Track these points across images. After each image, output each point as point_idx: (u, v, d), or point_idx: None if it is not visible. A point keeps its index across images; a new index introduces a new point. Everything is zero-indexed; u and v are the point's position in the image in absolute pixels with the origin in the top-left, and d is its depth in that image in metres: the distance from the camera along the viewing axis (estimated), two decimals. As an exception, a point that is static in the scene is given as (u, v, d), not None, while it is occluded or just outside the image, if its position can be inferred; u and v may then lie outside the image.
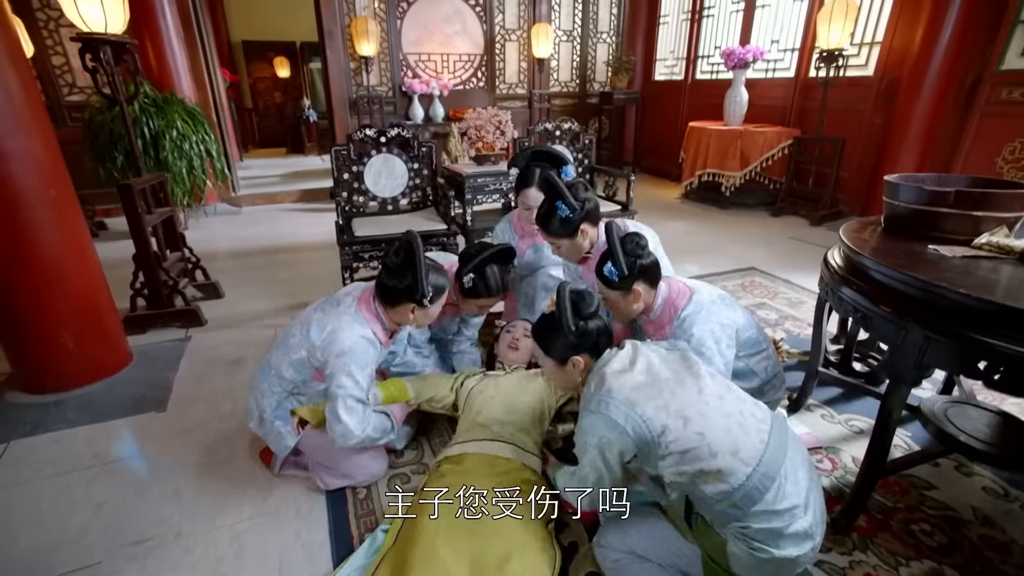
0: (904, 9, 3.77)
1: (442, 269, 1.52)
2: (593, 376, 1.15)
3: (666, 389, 1.06)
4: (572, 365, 1.19)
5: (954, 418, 1.47)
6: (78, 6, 2.18)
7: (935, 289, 1.07)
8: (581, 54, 6.29)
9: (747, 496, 0.97)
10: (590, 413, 1.07)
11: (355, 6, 5.11)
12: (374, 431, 1.43)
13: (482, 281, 1.69)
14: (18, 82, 1.69)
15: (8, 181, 1.70)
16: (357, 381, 1.38)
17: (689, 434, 1.00)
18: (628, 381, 1.08)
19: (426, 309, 1.46)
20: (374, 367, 1.47)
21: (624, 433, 1.03)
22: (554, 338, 1.19)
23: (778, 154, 4.58)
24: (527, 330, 1.88)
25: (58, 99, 4.57)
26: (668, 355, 1.16)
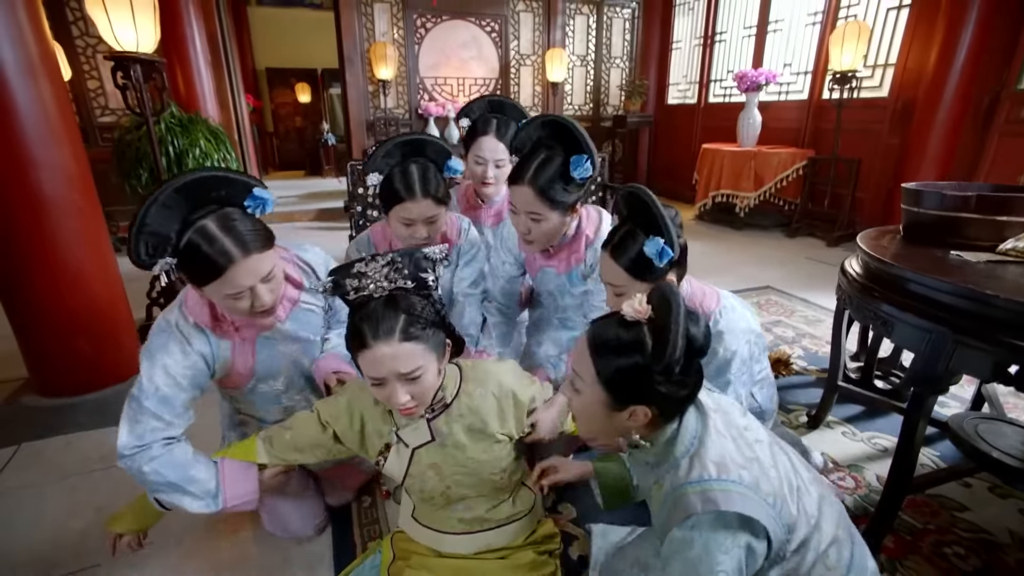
0: (917, 31, 3.78)
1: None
2: (680, 444, 0.79)
3: (759, 450, 0.78)
4: (630, 416, 0.78)
5: (986, 435, 1.40)
6: (112, 27, 2.28)
7: (963, 292, 1.04)
8: (595, 78, 6.40)
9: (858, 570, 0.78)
10: (712, 514, 0.70)
11: (374, 32, 5.29)
12: (172, 472, 1.03)
13: (401, 176, 1.32)
14: (52, 97, 1.77)
15: (37, 189, 1.76)
16: (140, 378, 1.04)
17: (803, 517, 0.75)
18: (731, 450, 0.76)
19: (198, 288, 1.02)
20: (181, 367, 1.06)
21: (757, 539, 0.71)
22: (631, 368, 0.75)
23: (792, 175, 4.56)
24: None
25: (91, 120, 4.76)
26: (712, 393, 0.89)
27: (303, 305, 1.24)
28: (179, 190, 0.95)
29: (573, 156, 1.20)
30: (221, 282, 0.98)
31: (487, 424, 1.05)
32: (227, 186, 1.01)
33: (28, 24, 1.65)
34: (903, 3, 3.90)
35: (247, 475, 1.12)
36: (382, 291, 0.91)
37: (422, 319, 0.91)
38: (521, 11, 5.79)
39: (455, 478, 1.06)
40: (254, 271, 1.01)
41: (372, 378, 0.91)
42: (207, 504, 1.08)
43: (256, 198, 1.04)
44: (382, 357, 0.87)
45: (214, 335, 1.11)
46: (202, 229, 0.96)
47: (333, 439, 1.10)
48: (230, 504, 1.09)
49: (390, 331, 0.87)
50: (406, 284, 0.92)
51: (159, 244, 0.95)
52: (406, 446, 1.05)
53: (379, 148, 1.38)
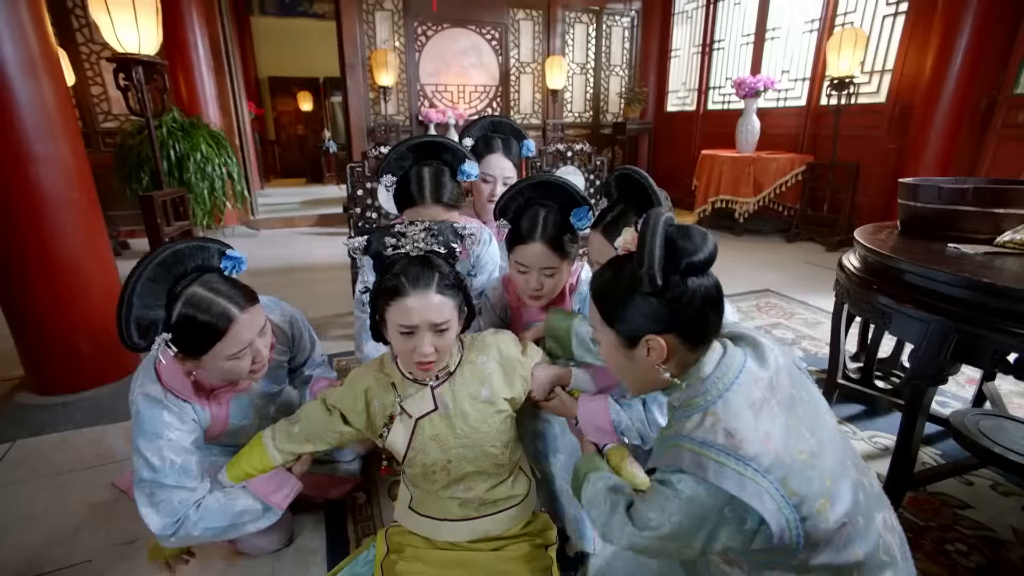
0: (914, 37, 3.81)
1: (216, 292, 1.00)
2: (709, 385, 0.72)
3: (803, 414, 0.71)
4: (646, 349, 0.74)
5: (987, 431, 1.39)
6: (115, 28, 2.31)
7: (960, 282, 1.03)
8: (594, 86, 6.45)
9: (885, 547, 0.71)
10: (696, 477, 0.67)
11: (375, 39, 5.35)
12: (220, 519, 1.05)
13: (416, 178, 1.35)
14: (52, 93, 1.78)
15: (36, 185, 1.76)
16: (146, 459, 1.02)
17: (832, 516, 0.67)
18: (766, 423, 0.68)
19: (194, 360, 1.02)
20: (185, 435, 1.07)
21: (751, 528, 0.66)
22: (623, 295, 0.74)
23: (791, 180, 4.57)
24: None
25: (94, 125, 4.79)
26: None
27: (272, 363, 1.23)
28: (159, 265, 0.95)
29: (573, 209, 1.23)
30: (224, 343, 0.99)
31: (493, 389, 1.08)
32: (202, 253, 1.02)
33: (30, 21, 1.67)
34: (899, 10, 3.94)
35: (278, 478, 1.14)
36: (418, 251, 0.99)
37: (450, 280, 0.99)
38: (521, 19, 5.85)
39: (457, 451, 1.07)
40: (252, 325, 1.03)
41: (404, 327, 0.96)
42: (267, 519, 1.13)
43: (231, 258, 1.06)
44: (419, 305, 0.94)
45: (197, 404, 1.11)
46: (192, 297, 0.97)
47: (341, 421, 1.12)
48: (284, 505, 1.14)
49: (428, 283, 0.95)
50: (439, 249, 1.01)
51: (149, 324, 0.95)
52: (409, 416, 1.07)
53: (394, 149, 1.39)
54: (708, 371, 0.73)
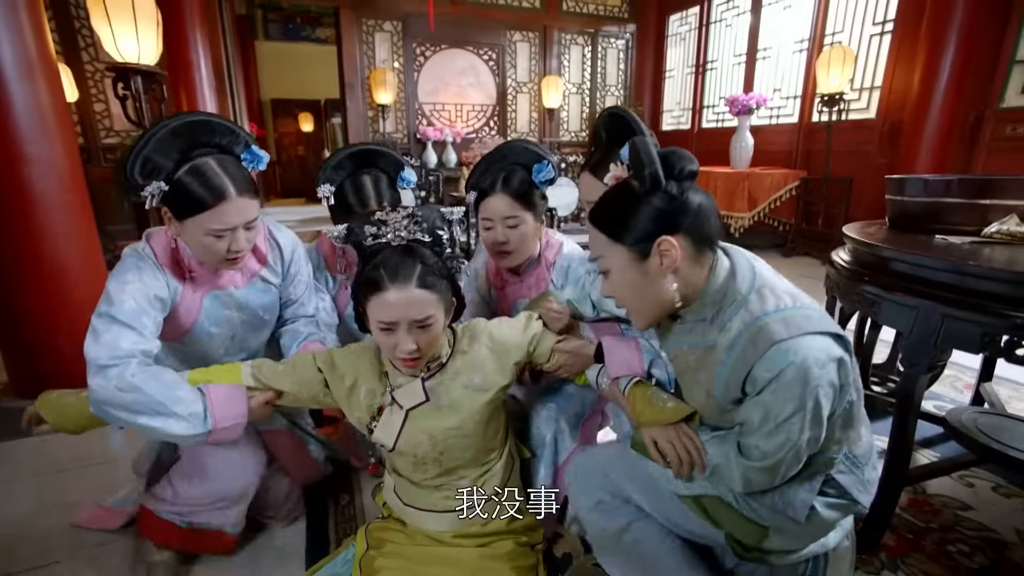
0: (900, 55, 3.89)
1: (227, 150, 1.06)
2: (739, 280, 0.77)
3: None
4: (658, 258, 0.75)
5: (985, 428, 1.36)
6: (115, 39, 2.36)
7: (947, 267, 1.03)
8: (590, 105, 6.56)
9: (874, 450, 0.85)
10: (816, 337, 0.70)
11: (375, 59, 5.46)
12: (158, 388, 0.95)
13: (353, 188, 1.33)
14: (48, 95, 1.80)
15: (28, 185, 1.77)
16: (108, 293, 1.00)
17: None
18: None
19: (178, 223, 1.02)
20: (154, 288, 1.03)
21: (847, 361, 0.73)
22: (628, 206, 0.76)
23: (786, 195, 4.61)
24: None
25: (96, 141, 4.85)
26: None
27: (260, 280, 1.23)
28: (190, 124, 1.00)
29: (535, 164, 1.27)
30: (209, 215, 1.00)
31: (486, 376, 1.04)
32: (230, 136, 1.06)
33: (29, 25, 1.70)
34: (885, 29, 4.03)
35: (236, 397, 1.04)
36: (400, 240, 0.93)
37: (435, 270, 0.94)
38: (518, 41, 5.99)
39: (449, 441, 1.03)
40: (242, 212, 1.03)
41: (383, 323, 0.91)
42: (194, 426, 0.98)
43: (253, 153, 1.09)
44: (397, 301, 0.89)
45: (172, 276, 1.10)
46: (201, 163, 1.00)
47: (323, 385, 1.07)
48: (220, 425, 1.01)
49: (408, 277, 0.90)
50: (423, 237, 0.95)
51: (155, 168, 0.97)
52: (400, 407, 1.02)
53: (330, 158, 1.36)
54: (723, 276, 0.79)
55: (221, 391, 1.03)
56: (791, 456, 0.74)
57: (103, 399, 0.95)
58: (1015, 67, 3.33)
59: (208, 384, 1.03)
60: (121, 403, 0.95)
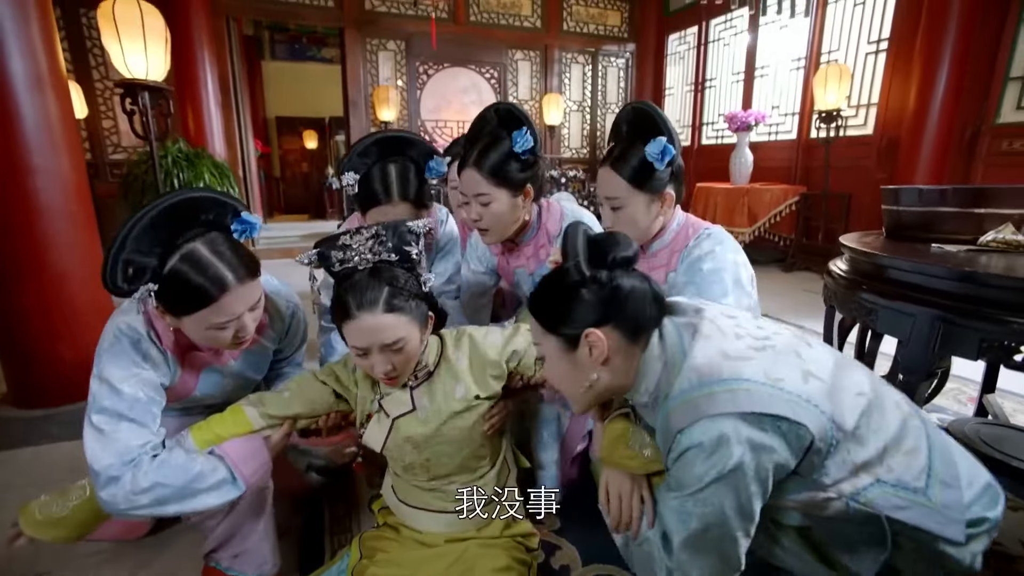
0: (896, 72, 3.94)
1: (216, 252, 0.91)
2: (669, 366, 0.74)
3: (780, 344, 0.73)
4: (587, 348, 0.75)
5: (989, 439, 1.35)
6: (125, 56, 2.41)
7: (944, 273, 1.03)
8: (591, 123, 6.64)
9: (946, 461, 0.72)
10: (706, 421, 0.66)
11: (378, 77, 5.56)
12: (176, 476, 0.90)
13: (380, 176, 1.24)
14: (56, 107, 1.84)
15: (33, 195, 1.79)
16: (113, 386, 0.91)
17: (851, 397, 0.70)
18: (741, 348, 0.71)
19: (175, 319, 0.92)
20: (156, 376, 0.97)
21: (788, 435, 0.65)
22: (559, 296, 0.76)
23: (785, 210, 4.63)
24: None
25: (103, 157, 4.93)
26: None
27: (256, 346, 1.14)
28: (169, 211, 0.87)
29: (514, 131, 1.21)
30: (210, 311, 0.90)
31: (467, 387, 1.03)
32: (217, 208, 0.95)
33: (40, 39, 1.74)
34: (880, 48, 4.10)
35: (256, 448, 0.99)
36: (366, 263, 0.91)
37: (405, 291, 0.91)
38: (519, 60, 6.09)
39: (434, 448, 1.03)
40: (245, 298, 0.94)
41: (355, 347, 0.91)
42: (226, 492, 0.95)
43: (244, 222, 0.97)
44: (365, 327, 0.88)
45: (174, 358, 1.02)
46: (192, 254, 0.88)
47: (333, 396, 1.07)
48: (251, 481, 0.98)
49: (373, 302, 0.88)
50: (390, 257, 0.93)
51: (139, 269, 0.86)
52: (387, 415, 1.02)
53: (356, 144, 1.29)
54: (652, 366, 0.76)
55: (239, 448, 0.98)
56: (711, 534, 0.68)
57: (120, 509, 0.89)
58: (1009, 84, 3.37)
59: (221, 444, 0.98)
60: (141, 504, 0.90)
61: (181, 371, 1.04)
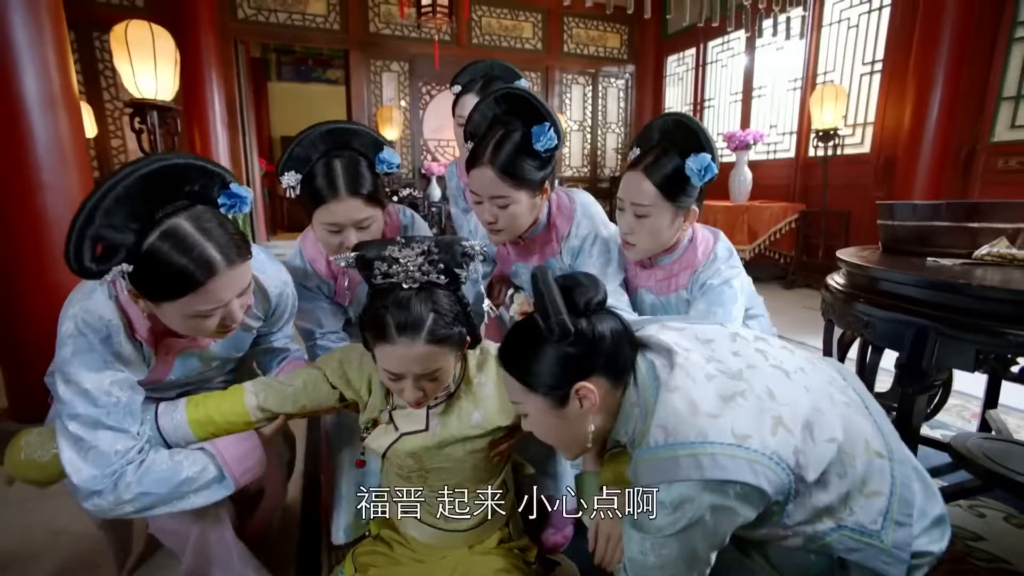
0: (891, 92, 4.01)
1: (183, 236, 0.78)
2: (642, 410, 0.74)
3: (755, 383, 0.72)
4: (578, 402, 0.74)
5: (992, 454, 1.33)
6: (135, 76, 2.48)
7: (939, 285, 1.04)
8: (592, 142, 6.73)
9: (903, 500, 0.71)
10: (669, 485, 0.67)
11: (382, 97, 5.67)
12: (161, 484, 0.84)
13: (324, 172, 1.09)
14: (68, 126, 1.88)
15: (41, 209, 1.82)
16: (84, 390, 0.82)
17: (820, 445, 0.69)
18: (709, 399, 0.70)
19: (153, 304, 0.81)
20: (132, 370, 0.89)
21: (749, 495, 0.66)
22: (540, 356, 0.74)
23: (785, 228, 4.66)
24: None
25: (110, 175, 5.01)
26: (688, 321, 0.87)
27: (240, 328, 1.03)
28: (147, 177, 0.75)
29: (534, 127, 1.09)
30: (195, 297, 0.79)
31: (486, 414, 0.98)
32: (203, 178, 0.82)
33: (54, 59, 1.79)
34: (875, 69, 4.17)
35: (248, 445, 0.94)
36: (411, 283, 0.83)
37: (449, 318, 0.84)
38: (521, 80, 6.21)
39: (435, 466, 1.00)
40: (235, 284, 0.84)
41: (388, 372, 0.86)
42: (216, 492, 0.90)
43: (233, 195, 0.85)
44: (404, 355, 0.82)
45: (148, 347, 0.92)
46: (175, 231, 0.77)
47: (339, 399, 1.02)
48: (241, 481, 0.93)
49: (417, 329, 0.81)
50: (439, 278, 0.84)
51: (111, 247, 0.74)
52: (396, 429, 0.98)
53: (295, 143, 1.12)
54: (634, 399, 0.76)
55: (233, 447, 0.92)
56: (665, 573, 0.71)
57: (106, 516, 0.86)
58: (1002, 103, 3.43)
59: (215, 441, 0.92)
60: (127, 512, 0.85)
61: (155, 359, 0.94)
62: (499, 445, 1.03)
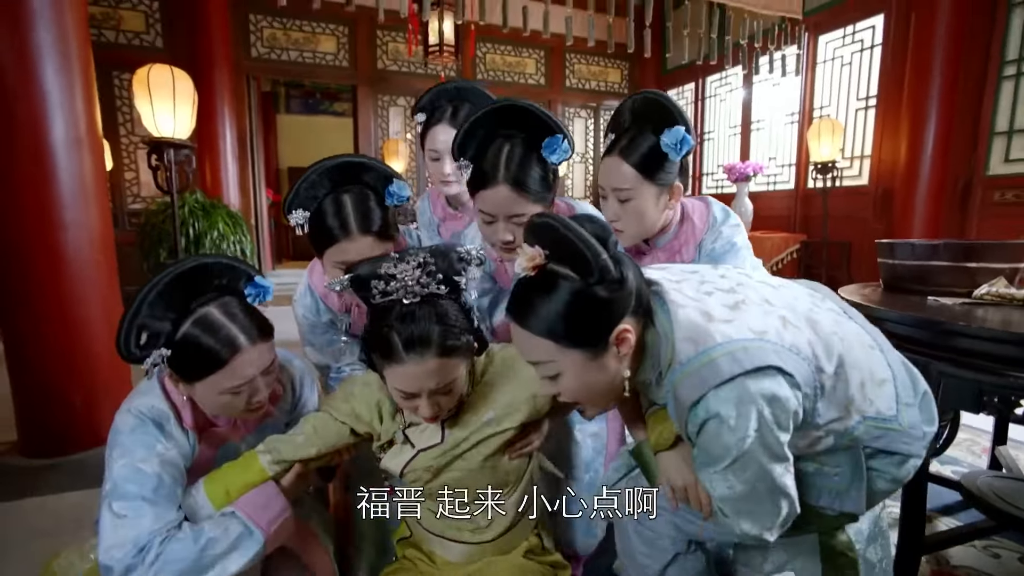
0: (886, 126, 4.11)
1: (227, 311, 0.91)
2: (663, 337, 0.74)
3: (750, 294, 0.77)
4: (615, 347, 0.73)
5: (1003, 494, 1.33)
6: (155, 117, 2.57)
7: (940, 326, 1.06)
8: (594, 174, 6.85)
9: (903, 384, 0.80)
10: (716, 390, 0.67)
11: (388, 131, 5.82)
12: (185, 550, 0.85)
13: (334, 209, 1.09)
14: (91, 167, 1.96)
15: (60, 247, 1.88)
16: (137, 469, 0.88)
17: (826, 338, 0.75)
18: (718, 308, 0.73)
19: (188, 385, 0.91)
20: (179, 458, 0.94)
21: (788, 380, 0.68)
22: (580, 305, 0.70)
23: (787, 258, 4.70)
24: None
25: (123, 207, 5.11)
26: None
27: (271, 420, 1.10)
28: (182, 276, 0.89)
29: (546, 139, 1.06)
30: (223, 374, 0.89)
31: (498, 414, 0.96)
32: (230, 273, 0.95)
33: (82, 102, 1.88)
34: (869, 104, 4.28)
35: (267, 494, 0.94)
36: (412, 297, 0.82)
37: (457, 327, 0.83)
38: (524, 115, 6.37)
39: (455, 475, 0.98)
40: (258, 362, 0.92)
41: (400, 391, 0.85)
42: (249, 547, 0.90)
43: (257, 286, 0.97)
44: (416, 373, 0.81)
45: (193, 435, 0.98)
46: (205, 317, 0.89)
47: (352, 434, 1.00)
48: (271, 531, 0.93)
49: (426, 345, 0.80)
50: (439, 289, 0.83)
51: (152, 335, 0.87)
52: (412, 447, 0.96)
53: (302, 180, 1.11)
54: (651, 339, 0.77)
55: (251, 500, 0.93)
56: (759, 492, 0.71)
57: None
58: (995, 138, 3.51)
59: (232, 501, 0.93)
60: None
61: (200, 449, 1.01)
62: (514, 443, 0.99)
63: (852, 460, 0.79)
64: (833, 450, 0.78)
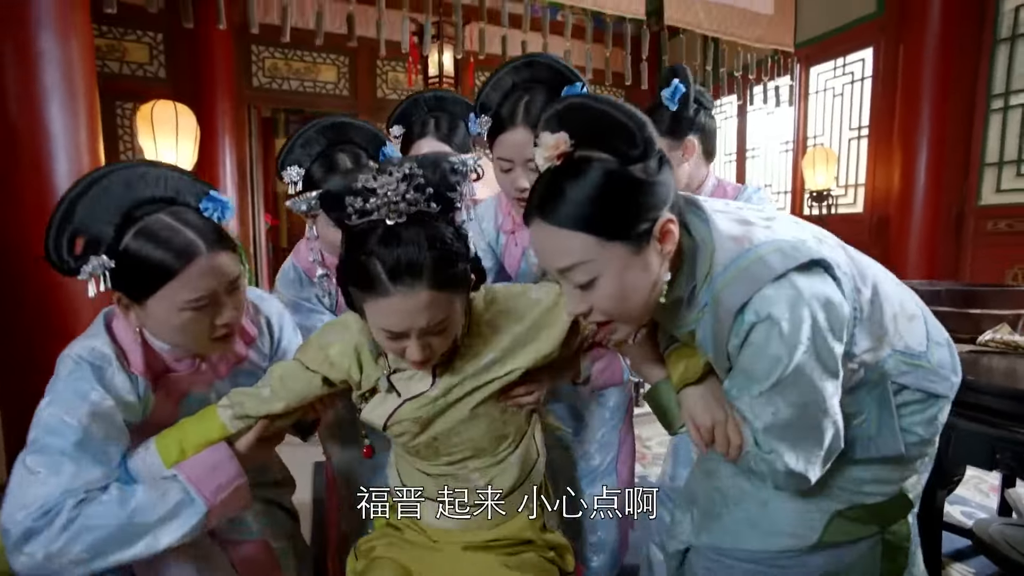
0: (879, 155, 4.18)
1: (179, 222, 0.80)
2: (700, 243, 0.69)
3: (778, 215, 0.77)
4: (662, 238, 0.66)
5: (1015, 543, 1.31)
6: (157, 150, 2.60)
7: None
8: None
9: (933, 324, 0.82)
10: (767, 289, 0.62)
11: (389, 159, 5.88)
12: (109, 516, 0.71)
13: (326, 167, 1.08)
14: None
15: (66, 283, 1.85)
16: (61, 419, 0.75)
17: (858, 259, 0.76)
18: (753, 216, 0.73)
19: (139, 307, 0.79)
20: (119, 409, 0.80)
21: (837, 284, 0.66)
22: (619, 193, 0.63)
23: (784, 284, 4.72)
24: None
25: (119, 233, 5.11)
26: None
27: (247, 366, 0.99)
28: (125, 178, 0.77)
29: (566, 87, 1.04)
30: (178, 283, 0.76)
31: (501, 356, 0.84)
32: (182, 184, 0.83)
33: (86, 140, 1.90)
34: (861, 134, 4.36)
35: (216, 458, 0.80)
36: (397, 216, 0.68)
37: (452, 253, 0.71)
38: (522, 142, 6.45)
39: (442, 426, 0.85)
40: (220, 271, 0.80)
41: (386, 331, 0.72)
42: (187, 519, 0.75)
43: (214, 199, 0.85)
44: (405, 308, 0.68)
45: (144, 382, 0.84)
46: (152, 224, 0.77)
47: (324, 383, 0.87)
48: (216, 500, 0.78)
49: (415, 273, 0.67)
50: (429, 206, 0.70)
51: (91, 240, 0.75)
52: (398, 395, 0.84)
53: (296, 136, 1.12)
54: (687, 244, 0.71)
55: (197, 463, 0.80)
56: (808, 417, 0.65)
57: (42, 569, 0.68)
58: (986, 168, 3.57)
59: (181, 463, 0.80)
60: (70, 560, 0.69)
61: (155, 400, 0.87)
62: (511, 390, 0.88)
63: (878, 400, 0.74)
64: (856, 390, 0.73)
